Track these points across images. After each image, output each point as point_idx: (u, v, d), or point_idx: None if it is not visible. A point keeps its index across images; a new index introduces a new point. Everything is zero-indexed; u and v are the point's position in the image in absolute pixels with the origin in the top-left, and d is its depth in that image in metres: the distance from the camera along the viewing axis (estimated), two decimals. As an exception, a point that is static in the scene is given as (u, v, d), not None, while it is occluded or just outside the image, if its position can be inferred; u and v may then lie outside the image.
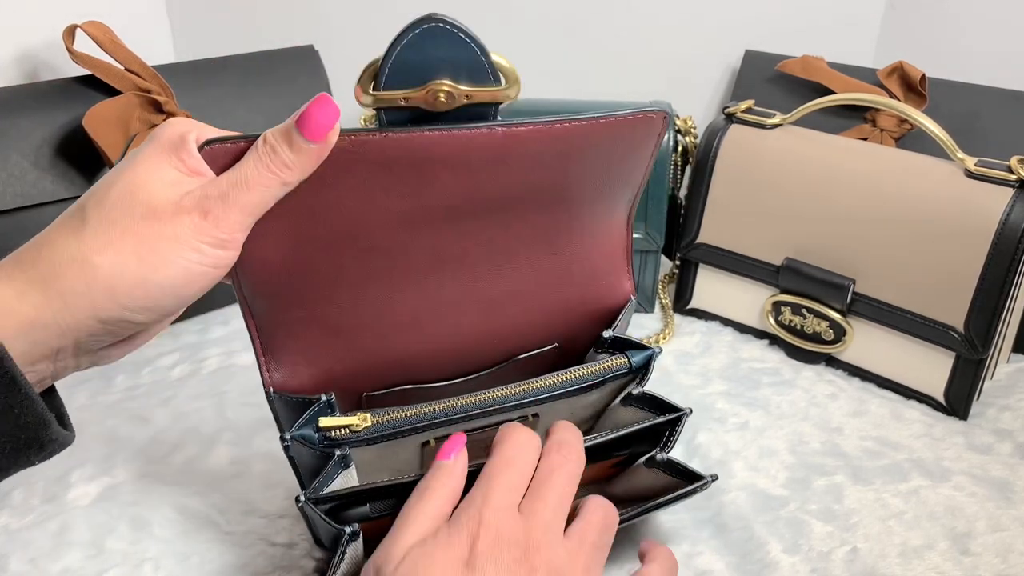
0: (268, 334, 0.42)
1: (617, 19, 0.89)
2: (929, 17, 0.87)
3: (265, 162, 0.36)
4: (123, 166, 0.36)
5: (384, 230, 0.40)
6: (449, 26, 0.36)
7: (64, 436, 0.36)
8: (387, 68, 0.36)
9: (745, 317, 0.73)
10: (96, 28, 0.66)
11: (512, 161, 0.40)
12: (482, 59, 0.37)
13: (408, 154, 0.38)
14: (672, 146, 0.73)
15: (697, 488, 0.45)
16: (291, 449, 0.42)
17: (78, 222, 0.35)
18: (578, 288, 0.48)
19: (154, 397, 0.62)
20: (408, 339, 0.45)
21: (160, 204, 0.35)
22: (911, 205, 0.61)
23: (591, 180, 0.44)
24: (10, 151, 0.61)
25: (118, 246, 0.34)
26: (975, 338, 0.59)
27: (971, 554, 0.49)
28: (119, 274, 0.34)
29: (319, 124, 0.35)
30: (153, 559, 0.47)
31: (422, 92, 0.37)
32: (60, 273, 0.34)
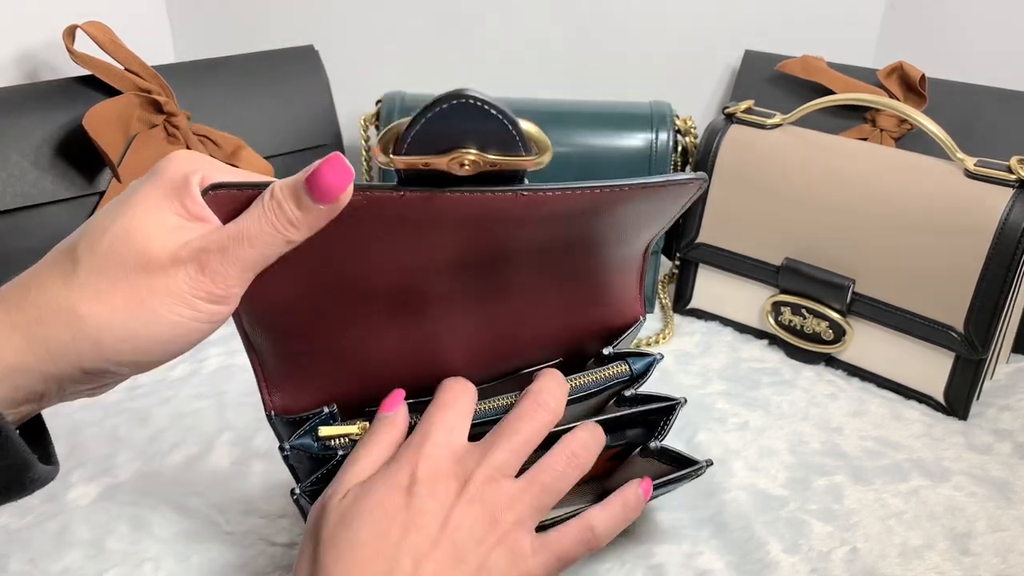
0: (269, 365, 0.42)
1: (617, 19, 0.89)
2: (929, 17, 0.87)
3: (270, 218, 0.34)
4: (119, 205, 0.34)
5: (395, 277, 0.40)
6: (480, 103, 0.33)
7: (47, 473, 0.34)
8: (410, 137, 0.34)
9: (745, 317, 0.73)
10: (96, 28, 0.66)
11: (534, 221, 0.39)
12: (512, 133, 0.35)
13: (426, 215, 0.37)
14: (672, 146, 0.73)
15: (692, 472, 0.45)
16: (291, 459, 0.42)
17: (69, 266, 0.33)
18: (589, 315, 0.48)
19: (154, 397, 0.62)
20: (413, 367, 0.44)
21: (155, 254, 0.33)
22: (911, 205, 0.61)
23: (615, 232, 0.43)
24: (10, 151, 0.61)
25: (107, 298, 0.32)
26: (975, 338, 0.59)
27: (971, 554, 0.49)
28: (107, 327, 0.32)
29: (330, 186, 0.34)
30: (153, 559, 0.47)
31: (445, 159, 0.35)
32: (45, 320, 0.32)
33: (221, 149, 0.68)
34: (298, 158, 0.76)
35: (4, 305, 0.33)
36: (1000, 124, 0.72)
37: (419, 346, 0.44)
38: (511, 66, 0.91)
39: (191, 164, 0.35)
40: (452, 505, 0.36)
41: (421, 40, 0.89)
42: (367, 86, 0.82)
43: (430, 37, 0.89)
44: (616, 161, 0.73)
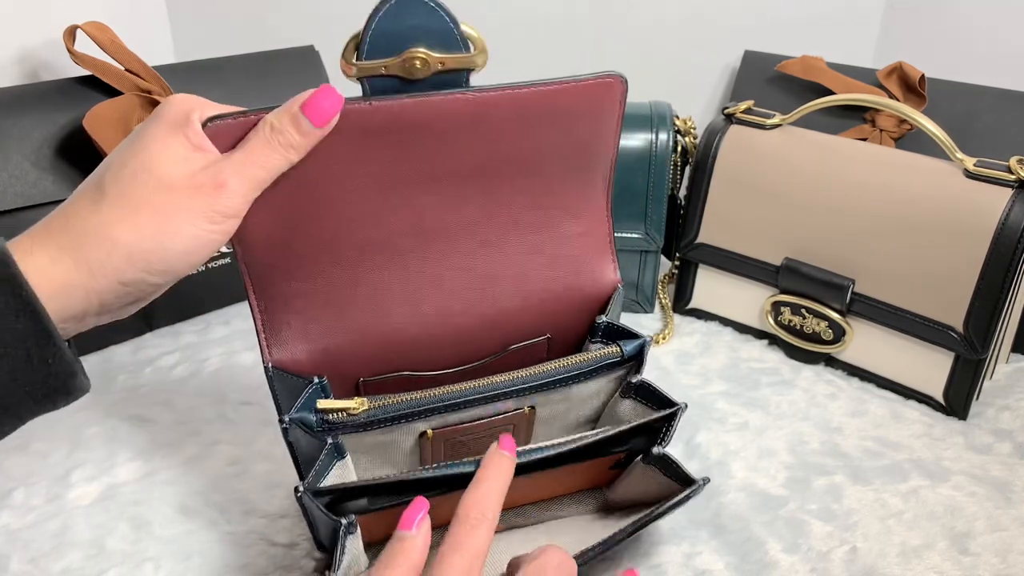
0: (268, 306, 0.44)
1: (617, 19, 0.89)
2: (929, 17, 0.87)
3: (273, 143, 0.39)
4: (132, 144, 0.39)
5: (368, 197, 0.43)
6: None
7: (85, 384, 0.39)
8: (367, 39, 0.40)
9: (745, 317, 0.73)
10: (96, 28, 0.66)
11: (482, 127, 0.43)
12: (452, 28, 0.41)
13: (389, 120, 0.41)
14: (672, 146, 0.73)
15: (689, 495, 0.45)
16: (290, 433, 0.42)
17: (97, 195, 0.38)
18: (564, 273, 0.49)
19: (154, 397, 0.63)
20: (401, 316, 0.46)
21: (174, 179, 0.38)
22: (911, 205, 0.61)
23: (559, 148, 0.46)
24: (11, 151, 0.61)
25: (135, 218, 0.37)
26: (974, 338, 0.59)
27: (970, 554, 0.49)
28: (136, 242, 0.37)
29: (325, 111, 0.39)
30: (154, 559, 0.47)
31: (399, 60, 0.40)
32: (84, 243, 0.37)
33: (221, 149, 0.68)
34: (298, 158, 0.76)
35: (51, 233, 0.37)
36: (1000, 124, 0.72)
37: (401, 293, 0.46)
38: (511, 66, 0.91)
39: (188, 103, 0.40)
40: None
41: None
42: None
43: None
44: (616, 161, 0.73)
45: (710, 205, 0.71)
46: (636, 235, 0.73)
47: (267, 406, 0.61)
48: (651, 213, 0.73)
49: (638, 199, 0.73)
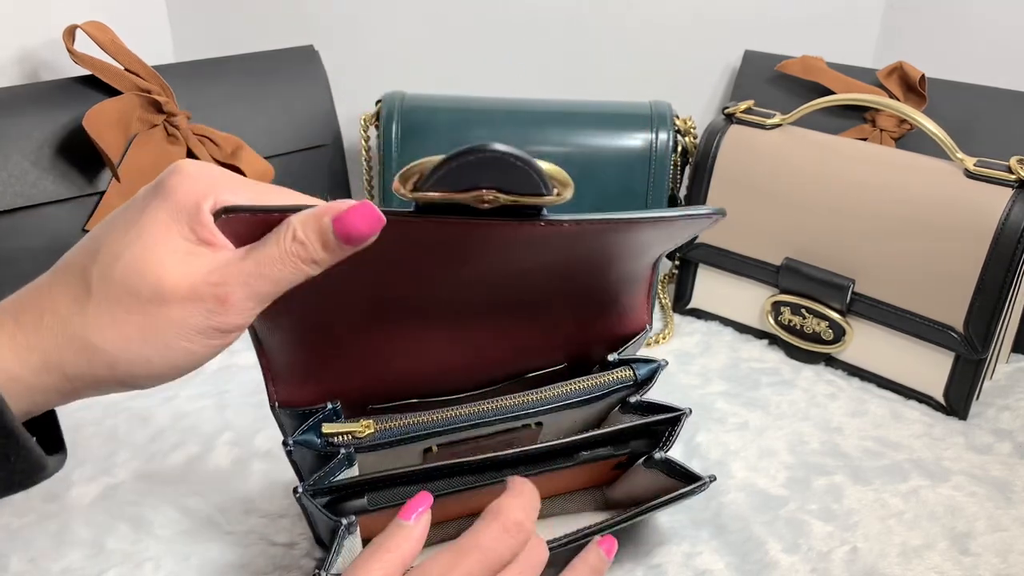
0: (274, 358, 0.42)
1: (617, 19, 0.89)
2: (929, 17, 0.87)
3: (292, 257, 0.34)
4: (128, 227, 0.34)
5: (406, 290, 0.40)
6: (505, 155, 0.33)
7: (56, 465, 0.36)
8: (432, 179, 0.33)
9: (745, 317, 0.73)
10: (96, 28, 0.66)
11: (550, 245, 0.39)
12: (536, 179, 0.34)
13: (446, 238, 0.37)
14: (672, 146, 0.73)
15: (695, 489, 0.45)
16: (294, 454, 0.42)
17: (82, 292, 0.33)
18: (597, 325, 0.48)
19: (154, 397, 0.62)
20: (417, 364, 0.45)
21: (171, 286, 0.33)
22: (911, 205, 0.61)
23: (627, 253, 0.44)
24: (10, 151, 0.61)
25: (122, 329, 0.33)
26: (975, 338, 0.59)
27: (971, 554, 0.49)
28: (122, 355, 0.33)
29: (361, 234, 0.34)
30: (153, 559, 0.47)
31: (467, 196, 0.34)
32: (61, 347, 0.33)
33: (221, 149, 0.68)
34: (298, 158, 0.76)
35: (21, 327, 0.33)
36: (1000, 124, 0.72)
37: (421, 346, 0.44)
38: (511, 66, 0.91)
39: (202, 186, 0.34)
40: None
41: (421, 40, 0.89)
42: (367, 86, 0.82)
43: (430, 37, 0.89)
44: (616, 161, 0.73)
45: (710, 205, 0.71)
46: (636, 235, 0.73)
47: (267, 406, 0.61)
48: (651, 213, 0.73)
49: (638, 199, 0.73)
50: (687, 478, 0.45)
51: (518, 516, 0.36)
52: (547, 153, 0.73)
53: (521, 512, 0.37)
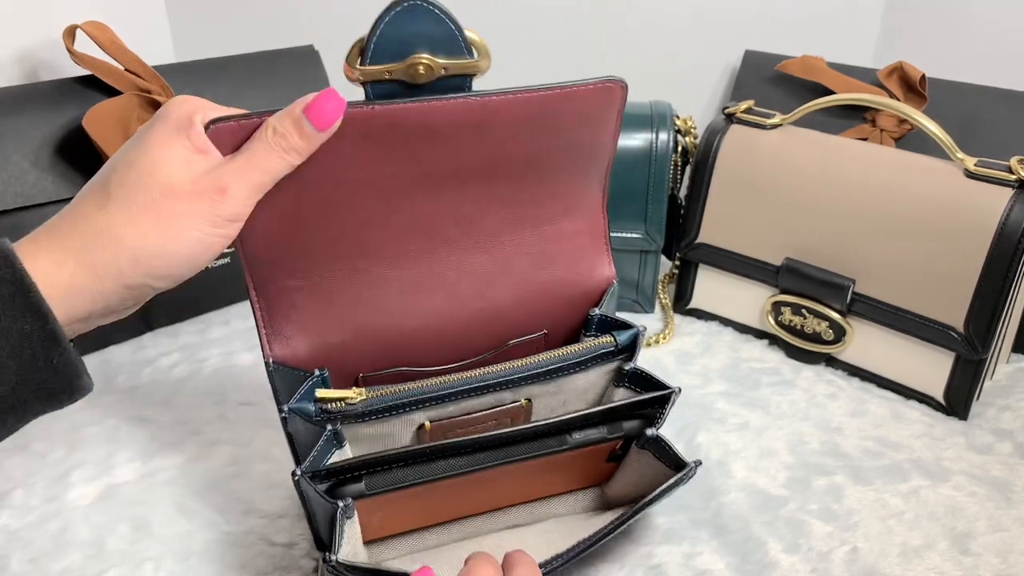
0: (268, 303, 0.44)
1: (617, 19, 0.89)
2: (929, 17, 0.87)
3: (274, 147, 0.39)
4: (137, 146, 0.39)
5: (368, 198, 0.43)
6: (427, 4, 0.40)
7: (88, 384, 0.39)
8: (372, 44, 0.40)
9: (745, 317, 0.73)
10: (96, 28, 0.66)
11: (484, 131, 0.43)
12: (456, 34, 0.41)
13: (391, 123, 0.41)
14: (672, 146, 0.73)
15: (682, 478, 0.45)
16: (289, 423, 0.43)
17: (103, 198, 0.38)
18: (560, 269, 0.50)
19: (154, 397, 0.63)
20: (398, 312, 0.47)
21: (177, 184, 0.38)
22: (911, 205, 0.61)
23: (559, 151, 0.46)
24: (10, 151, 0.61)
25: (139, 221, 0.38)
26: (975, 338, 0.59)
27: (971, 554, 0.49)
28: (141, 246, 0.38)
29: (328, 115, 0.40)
30: (153, 559, 0.47)
31: (404, 65, 0.41)
32: (90, 245, 0.37)
33: (221, 149, 0.68)
34: (298, 158, 0.76)
35: (57, 236, 0.38)
36: (1000, 124, 0.72)
37: (400, 289, 0.46)
38: (511, 66, 0.91)
39: (191, 105, 0.40)
40: None
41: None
42: (366, 86, 0.82)
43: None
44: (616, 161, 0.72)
45: (710, 205, 0.71)
46: (636, 235, 0.73)
47: (267, 406, 0.61)
48: (651, 213, 0.73)
49: (638, 199, 0.73)
50: (675, 464, 0.46)
51: None
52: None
53: None
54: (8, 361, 0.35)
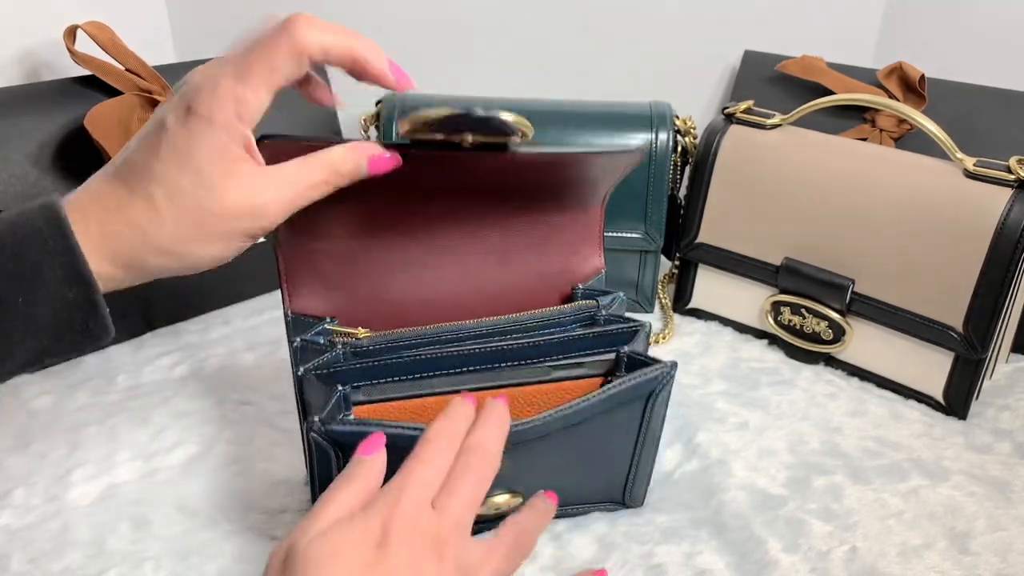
0: (290, 260, 0.48)
1: (617, 19, 0.89)
2: (929, 17, 0.87)
3: (328, 182, 0.42)
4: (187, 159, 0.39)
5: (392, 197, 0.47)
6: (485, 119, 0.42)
7: (112, 334, 0.41)
8: (427, 130, 0.43)
9: (744, 317, 0.73)
10: (97, 28, 0.66)
11: (513, 173, 0.47)
12: (506, 130, 0.43)
13: (428, 163, 0.45)
14: (672, 146, 0.73)
15: (659, 377, 0.46)
16: (305, 390, 0.46)
17: (148, 192, 0.39)
18: (557, 257, 0.53)
19: (154, 397, 0.63)
20: (403, 288, 0.51)
21: (231, 205, 0.40)
22: (910, 205, 0.61)
23: (580, 182, 0.51)
24: (11, 151, 0.61)
25: (184, 229, 0.40)
26: (974, 338, 0.59)
27: (970, 553, 0.49)
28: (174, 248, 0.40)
29: (384, 166, 0.44)
30: (154, 558, 0.47)
31: (454, 137, 0.44)
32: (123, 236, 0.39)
33: (221, 149, 0.68)
34: (298, 158, 0.76)
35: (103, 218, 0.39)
36: (1000, 124, 0.72)
37: (411, 259, 0.50)
38: (511, 66, 0.91)
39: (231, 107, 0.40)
40: (427, 561, 0.36)
41: (421, 40, 0.89)
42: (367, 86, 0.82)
43: (430, 37, 0.89)
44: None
45: (710, 205, 0.71)
46: (636, 235, 0.73)
47: (267, 406, 0.61)
48: (651, 213, 0.73)
49: (638, 199, 0.73)
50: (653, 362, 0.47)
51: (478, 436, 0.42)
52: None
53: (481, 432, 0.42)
54: (49, 323, 0.38)
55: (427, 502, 0.38)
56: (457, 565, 0.37)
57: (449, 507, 0.38)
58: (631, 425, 0.48)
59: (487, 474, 0.41)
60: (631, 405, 0.47)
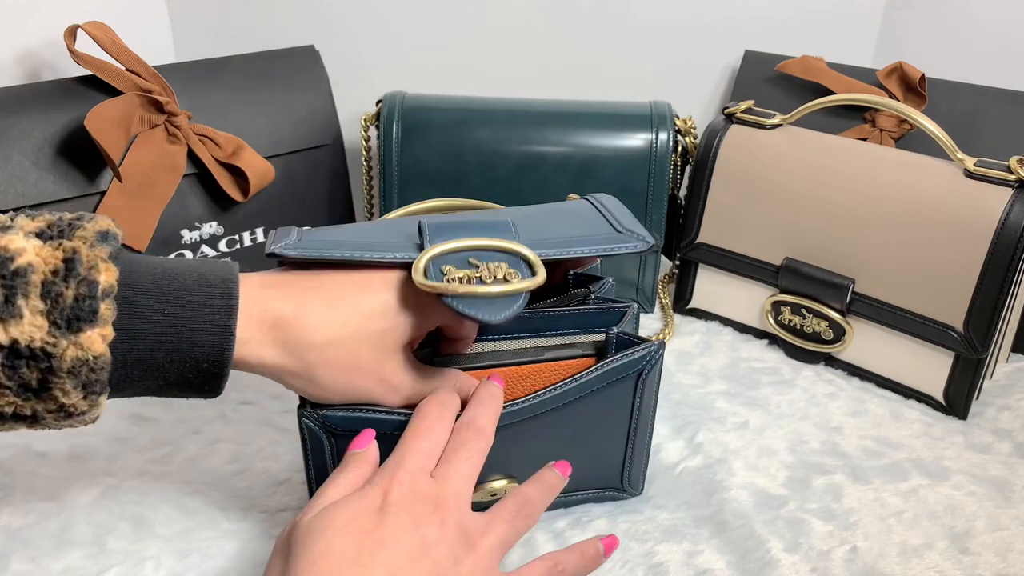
0: None
1: (617, 19, 0.89)
2: (929, 17, 0.87)
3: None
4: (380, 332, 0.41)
5: None
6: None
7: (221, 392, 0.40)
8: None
9: (745, 317, 0.73)
10: (97, 28, 0.66)
11: None
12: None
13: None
14: (672, 146, 0.73)
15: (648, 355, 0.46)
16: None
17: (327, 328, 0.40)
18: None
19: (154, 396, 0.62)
20: None
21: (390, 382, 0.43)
22: (911, 205, 0.61)
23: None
24: (11, 151, 0.61)
25: (340, 384, 0.42)
26: (974, 338, 0.59)
27: (970, 553, 0.49)
28: (322, 391, 0.42)
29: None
30: (154, 557, 0.47)
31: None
32: (290, 369, 0.40)
33: (222, 149, 0.68)
34: (298, 158, 0.76)
35: (281, 344, 0.40)
36: (1000, 124, 0.72)
37: None
38: (511, 66, 0.91)
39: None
40: (428, 525, 0.37)
41: (421, 40, 0.89)
42: (367, 86, 0.82)
43: (430, 37, 0.89)
44: (616, 161, 0.73)
45: (710, 205, 0.71)
46: (636, 235, 0.73)
47: (267, 406, 0.61)
48: (651, 213, 0.73)
49: (638, 199, 0.73)
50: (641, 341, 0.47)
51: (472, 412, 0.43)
52: (547, 153, 0.73)
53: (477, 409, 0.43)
54: (174, 379, 0.38)
55: (426, 471, 0.40)
56: (459, 529, 0.38)
57: (448, 476, 0.39)
58: (623, 406, 0.49)
59: (482, 446, 0.42)
60: (622, 384, 0.47)
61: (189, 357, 0.37)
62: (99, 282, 0.35)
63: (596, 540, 0.44)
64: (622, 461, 0.51)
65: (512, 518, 0.41)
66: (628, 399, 0.48)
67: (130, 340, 0.36)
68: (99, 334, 0.34)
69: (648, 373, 0.47)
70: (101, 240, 0.35)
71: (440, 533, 0.37)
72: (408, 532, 0.36)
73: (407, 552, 0.36)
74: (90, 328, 0.34)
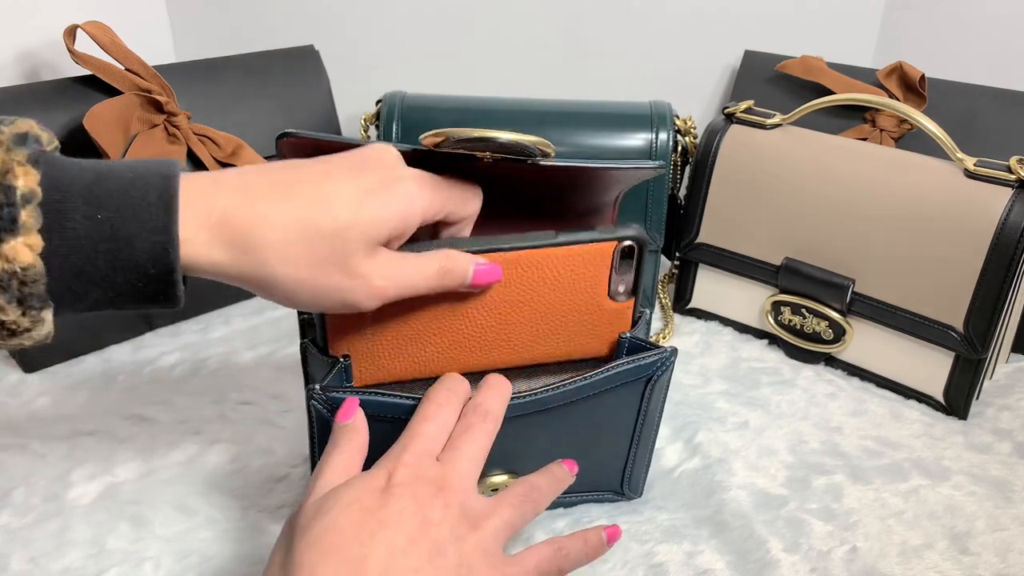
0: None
1: (617, 19, 0.89)
2: (929, 17, 0.87)
3: (434, 283, 0.41)
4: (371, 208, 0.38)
5: None
6: (508, 144, 0.41)
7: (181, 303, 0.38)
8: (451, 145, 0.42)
9: (745, 317, 0.73)
10: (96, 28, 0.66)
11: (531, 182, 0.46)
12: (527, 152, 0.43)
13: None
14: (672, 146, 0.73)
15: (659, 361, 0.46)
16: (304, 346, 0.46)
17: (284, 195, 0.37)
18: None
19: (154, 396, 0.63)
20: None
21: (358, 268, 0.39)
22: (911, 205, 0.61)
23: (592, 188, 0.50)
24: (11, 151, 0.61)
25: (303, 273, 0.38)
26: (974, 338, 0.59)
27: (970, 553, 0.49)
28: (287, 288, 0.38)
29: (488, 279, 0.43)
30: (154, 557, 0.47)
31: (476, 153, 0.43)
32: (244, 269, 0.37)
33: (221, 149, 0.68)
34: (298, 158, 0.76)
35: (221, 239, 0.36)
36: (1000, 124, 0.72)
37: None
38: (511, 66, 0.91)
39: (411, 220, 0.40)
40: (431, 506, 0.37)
41: (421, 40, 0.89)
42: (367, 86, 0.82)
43: (430, 37, 0.89)
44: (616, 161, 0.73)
45: (710, 205, 0.71)
46: (636, 235, 0.73)
47: (267, 405, 0.61)
48: (651, 213, 0.73)
49: (638, 199, 0.73)
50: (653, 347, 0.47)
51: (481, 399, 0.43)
52: (547, 153, 0.73)
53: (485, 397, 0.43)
54: (123, 288, 0.35)
55: (432, 454, 0.40)
56: (462, 510, 0.38)
57: (453, 459, 0.40)
58: (630, 409, 0.48)
59: (490, 429, 0.42)
60: (630, 387, 0.47)
61: (132, 263, 0.34)
62: (16, 187, 0.32)
63: (600, 528, 0.44)
64: (624, 465, 0.51)
65: (519, 502, 0.41)
66: (635, 403, 0.48)
67: (64, 248, 0.33)
68: (24, 243, 0.32)
69: (657, 379, 0.47)
70: (19, 143, 0.33)
71: (443, 514, 0.37)
72: (410, 512, 0.36)
73: (408, 531, 0.36)
74: (11, 237, 0.32)
